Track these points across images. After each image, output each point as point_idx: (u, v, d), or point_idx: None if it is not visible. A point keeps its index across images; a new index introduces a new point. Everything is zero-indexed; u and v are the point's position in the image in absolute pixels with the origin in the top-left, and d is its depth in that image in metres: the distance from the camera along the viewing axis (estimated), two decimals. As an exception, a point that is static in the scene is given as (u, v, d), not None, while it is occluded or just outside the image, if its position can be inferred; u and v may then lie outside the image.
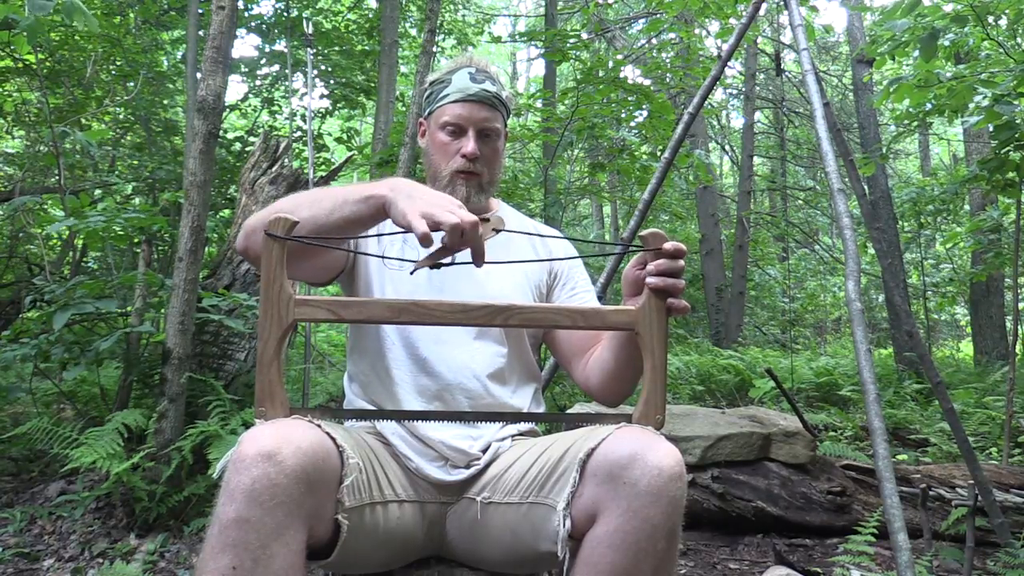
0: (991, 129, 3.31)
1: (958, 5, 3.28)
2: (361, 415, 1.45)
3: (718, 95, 13.03)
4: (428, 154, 1.53)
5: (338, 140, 7.88)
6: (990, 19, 3.52)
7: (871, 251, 9.14)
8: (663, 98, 5.10)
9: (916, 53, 3.42)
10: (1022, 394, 5.08)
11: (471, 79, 1.47)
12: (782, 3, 3.05)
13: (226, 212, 5.52)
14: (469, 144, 1.46)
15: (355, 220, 1.20)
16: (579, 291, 1.56)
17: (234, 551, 0.97)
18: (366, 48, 7.62)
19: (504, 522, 1.28)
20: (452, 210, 1.10)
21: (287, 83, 6.93)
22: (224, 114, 4.72)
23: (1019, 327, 5.35)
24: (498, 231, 1.19)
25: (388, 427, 1.39)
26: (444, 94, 1.48)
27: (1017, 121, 3.11)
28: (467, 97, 1.46)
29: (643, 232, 1.14)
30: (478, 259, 1.12)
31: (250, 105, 7.65)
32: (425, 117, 1.55)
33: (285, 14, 6.97)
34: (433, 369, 1.41)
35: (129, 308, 3.41)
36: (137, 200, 6.02)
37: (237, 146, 6.29)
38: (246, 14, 6.96)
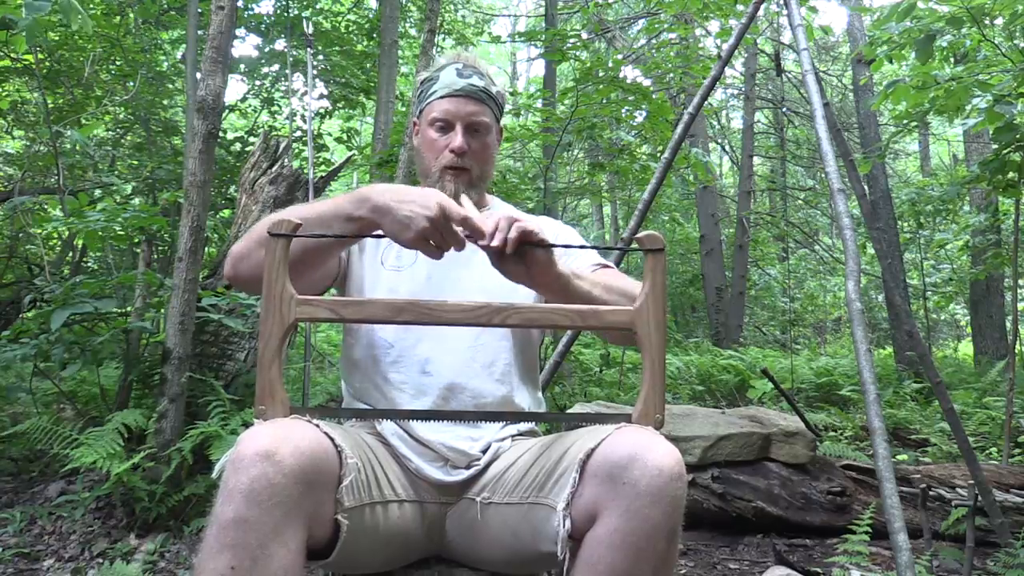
0: (991, 130, 3.31)
1: (953, 7, 3.28)
2: (361, 415, 1.45)
3: (718, 95, 13.04)
4: (419, 152, 1.53)
5: (338, 140, 7.88)
6: (986, 20, 3.52)
7: (871, 251, 9.14)
8: (663, 98, 5.10)
9: (913, 55, 3.42)
10: (1022, 394, 5.08)
11: (458, 74, 1.47)
12: (782, 3, 3.05)
13: (226, 212, 5.52)
14: (456, 139, 1.45)
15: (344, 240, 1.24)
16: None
17: (232, 551, 0.97)
18: (366, 49, 7.62)
19: (504, 522, 1.28)
20: (415, 213, 1.15)
21: (287, 83, 6.93)
22: (224, 114, 4.73)
23: (1019, 327, 5.34)
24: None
25: (387, 428, 1.39)
26: (432, 91, 1.49)
27: (1016, 122, 3.11)
28: (454, 92, 1.46)
29: (640, 234, 1.14)
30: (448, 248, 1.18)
31: (250, 105, 7.65)
32: (417, 116, 1.55)
33: (285, 14, 6.97)
34: (436, 370, 1.41)
35: (129, 308, 3.41)
36: (137, 200, 6.03)
37: (237, 146, 6.29)
38: (246, 14, 6.96)
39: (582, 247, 1.38)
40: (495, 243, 1.15)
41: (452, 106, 1.46)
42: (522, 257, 1.18)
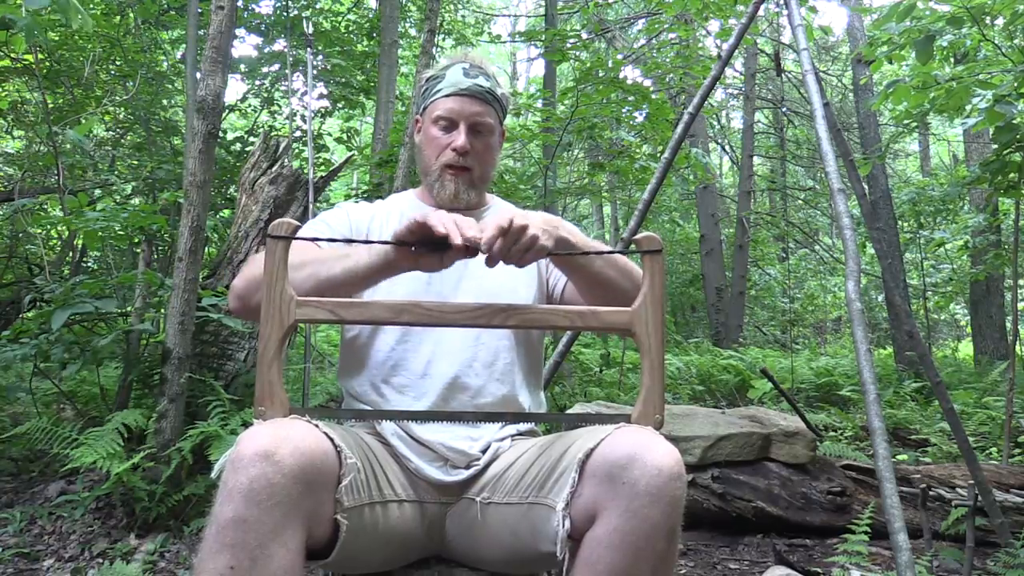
0: (991, 131, 3.31)
1: (954, 6, 3.28)
2: (361, 415, 1.45)
3: (718, 95, 13.03)
4: (421, 149, 1.54)
5: (338, 140, 7.88)
6: (987, 20, 3.52)
7: (871, 251, 9.14)
8: (663, 98, 5.10)
9: (913, 55, 3.42)
10: (1022, 394, 5.08)
11: (464, 74, 1.47)
12: (782, 3, 3.05)
13: (226, 212, 5.52)
14: (460, 138, 1.45)
15: (361, 272, 1.21)
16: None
17: (232, 551, 0.97)
18: (366, 49, 7.62)
19: (504, 522, 1.28)
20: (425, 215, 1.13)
21: (287, 83, 6.93)
22: (224, 114, 4.72)
23: (1019, 327, 5.34)
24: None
25: (387, 428, 1.39)
26: (437, 89, 1.49)
27: (1016, 122, 3.11)
28: (459, 91, 1.46)
29: (638, 236, 1.14)
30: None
31: (250, 105, 7.64)
32: (420, 113, 1.55)
33: (284, 14, 6.97)
34: (437, 371, 1.41)
35: (129, 308, 3.41)
36: (137, 200, 6.02)
37: (237, 146, 6.29)
38: (245, 14, 6.96)
39: (585, 253, 1.38)
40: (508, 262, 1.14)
41: (457, 105, 1.46)
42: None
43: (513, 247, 1.12)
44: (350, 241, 1.29)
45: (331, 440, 1.10)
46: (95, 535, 2.71)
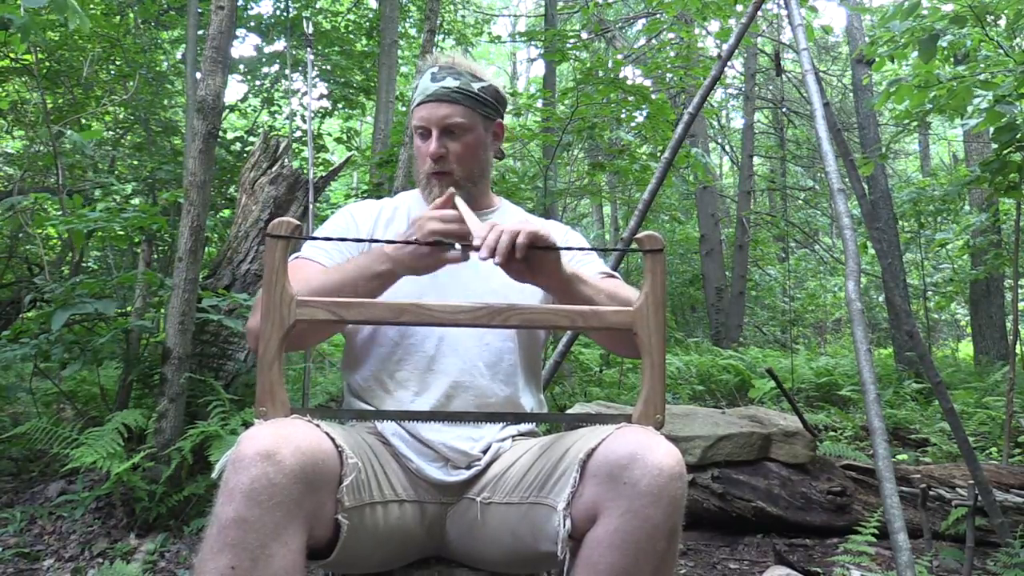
0: (991, 131, 3.31)
1: (958, 6, 3.28)
2: (361, 415, 1.45)
3: (718, 95, 13.02)
4: (415, 159, 1.57)
5: (338, 140, 7.89)
6: (989, 19, 3.52)
7: (871, 251, 9.14)
8: (663, 99, 5.10)
9: (915, 54, 3.42)
10: (1022, 394, 5.08)
11: (432, 79, 1.49)
12: (782, 3, 3.05)
13: (226, 212, 5.52)
14: (431, 144, 1.48)
15: (362, 290, 1.28)
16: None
17: (233, 551, 0.97)
18: (365, 49, 7.62)
19: (504, 522, 1.29)
20: (417, 227, 1.24)
21: (287, 83, 6.93)
22: (224, 114, 4.72)
23: (1019, 327, 5.34)
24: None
25: (388, 428, 1.39)
26: (414, 98, 1.52)
27: (1017, 122, 3.11)
28: (427, 98, 1.48)
29: (640, 235, 1.14)
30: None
31: (250, 105, 7.64)
32: None
33: (284, 14, 6.97)
34: (441, 368, 1.41)
35: (129, 308, 3.40)
36: (137, 200, 6.02)
37: (237, 146, 6.28)
38: (246, 14, 6.96)
39: (585, 249, 1.39)
40: (497, 260, 1.15)
41: (426, 112, 1.48)
42: (526, 259, 1.17)
43: (503, 235, 1.16)
44: (345, 239, 1.29)
45: (332, 440, 1.10)
46: (95, 535, 2.71)
